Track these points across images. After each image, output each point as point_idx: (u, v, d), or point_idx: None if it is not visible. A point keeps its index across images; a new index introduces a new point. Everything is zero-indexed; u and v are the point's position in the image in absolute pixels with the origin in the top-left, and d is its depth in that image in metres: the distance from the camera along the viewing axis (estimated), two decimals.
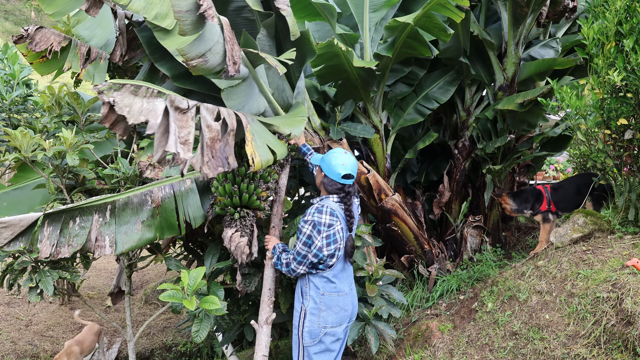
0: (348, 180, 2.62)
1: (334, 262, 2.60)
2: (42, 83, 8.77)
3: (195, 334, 2.68)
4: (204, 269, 2.61)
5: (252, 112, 3.15)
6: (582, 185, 3.82)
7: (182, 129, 2.20)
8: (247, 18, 3.36)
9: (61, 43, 3.09)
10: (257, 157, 2.39)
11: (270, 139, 2.68)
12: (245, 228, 2.88)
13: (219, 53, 2.54)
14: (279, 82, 3.50)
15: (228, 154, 2.33)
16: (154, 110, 2.12)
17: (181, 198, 3.06)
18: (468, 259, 4.54)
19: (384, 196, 4.06)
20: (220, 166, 2.28)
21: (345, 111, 3.91)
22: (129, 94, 2.11)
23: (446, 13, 3.42)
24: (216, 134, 2.30)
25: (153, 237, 2.94)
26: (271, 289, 2.82)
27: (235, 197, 2.83)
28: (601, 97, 3.13)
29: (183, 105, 2.24)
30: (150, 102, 2.15)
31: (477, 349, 3.04)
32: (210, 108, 2.37)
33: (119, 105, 2.04)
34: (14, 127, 4.87)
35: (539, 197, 3.90)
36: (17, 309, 5.86)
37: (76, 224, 2.77)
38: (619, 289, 2.61)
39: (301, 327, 2.62)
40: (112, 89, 2.06)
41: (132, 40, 3.31)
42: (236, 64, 2.51)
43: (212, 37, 2.50)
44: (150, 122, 2.09)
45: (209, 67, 2.56)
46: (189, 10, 2.28)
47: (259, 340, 2.67)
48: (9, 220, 2.63)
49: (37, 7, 21.22)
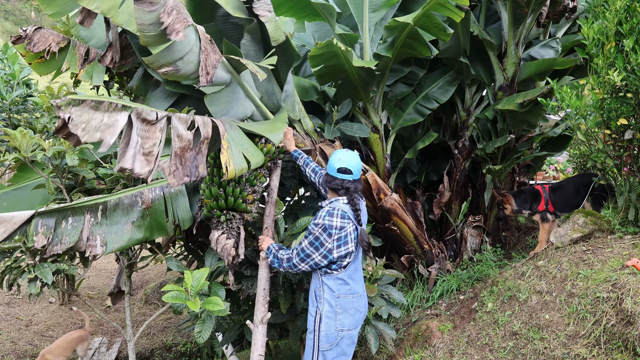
0: (345, 175, 2.58)
1: (347, 263, 2.59)
2: (42, 83, 8.77)
3: (198, 335, 2.69)
4: (207, 269, 2.62)
5: (237, 116, 3.19)
6: (581, 186, 3.81)
7: (147, 140, 2.25)
8: (235, 23, 3.41)
9: (60, 43, 3.08)
10: (231, 165, 2.44)
11: (247, 147, 2.71)
12: (232, 230, 2.91)
13: (193, 62, 2.61)
14: (267, 86, 3.54)
15: (199, 163, 2.39)
16: (113, 126, 2.17)
17: (171, 200, 3.12)
18: (468, 259, 4.53)
19: (383, 196, 4.06)
20: (187, 175, 2.34)
21: (342, 110, 3.91)
22: (89, 109, 2.14)
23: (446, 13, 3.42)
24: (187, 143, 2.34)
25: (143, 237, 3.00)
26: (265, 289, 2.84)
27: (221, 200, 2.86)
28: (601, 97, 3.13)
29: (151, 117, 2.28)
30: (112, 116, 2.19)
31: (477, 349, 3.04)
32: (184, 118, 2.42)
33: (74, 122, 2.07)
34: (14, 127, 4.87)
35: (537, 197, 3.91)
36: (17, 309, 5.87)
37: (68, 224, 2.83)
38: (619, 289, 2.60)
39: (317, 331, 2.60)
40: (70, 104, 2.09)
41: (125, 47, 3.34)
42: (209, 74, 2.58)
43: (184, 47, 2.55)
44: (104, 140, 2.14)
45: (182, 75, 2.64)
46: (152, 24, 2.34)
47: (255, 339, 2.69)
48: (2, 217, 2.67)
49: (37, 7, 21.22)
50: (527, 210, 3.97)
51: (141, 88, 3.41)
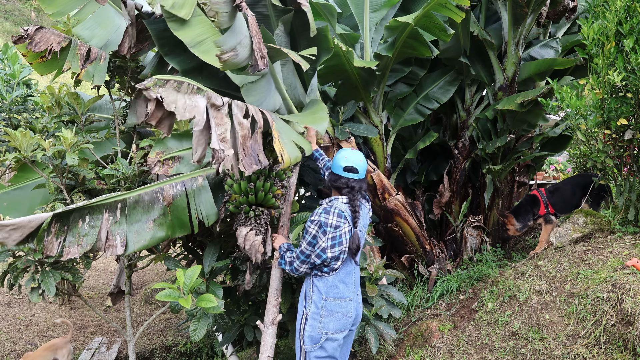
0: (351, 174, 2.57)
1: (338, 266, 2.55)
2: (42, 83, 8.77)
3: (193, 333, 2.67)
4: (199, 267, 2.59)
5: (269, 108, 3.08)
6: (579, 186, 3.81)
7: (219, 126, 2.16)
8: (261, 13, 3.28)
9: (61, 43, 3.07)
10: (286, 153, 2.34)
11: (294, 136, 2.62)
12: (260, 227, 2.82)
13: (247, 47, 2.46)
14: (292, 79, 3.42)
15: (258, 152, 2.29)
16: (197, 107, 2.08)
17: (193, 195, 2.97)
18: (468, 259, 4.53)
19: (388, 196, 4.05)
20: (255, 164, 2.23)
21: (347, 111, 3.91)
22: (173, 90, 2.06)
23: (446, 13, 3.42)
24: (247, 132, 2.25)
25: (165, 235, 2.84)
26: (278, 290, 2.79)
27: (251, 195, 2.76)
28: (601, 97, 3.13)
29: (218, 102, 2.20)
30: (192, 98, 2.11)
31: (477, 349, 3.04)
32: (240, 105, 2.32)
33: (167, 102, 1.98)
34: (14, 127, 4.87)
35: (536, 202, 3.88)
36: (17, 309, 5.87)
37: (86, 223, 2.68)
38: (619, 289, 2.60)
39: (302, 331, 2.59)
40: (157, 85, 2.00)
41: (140, 32, 3.23)
42: (264, 57, 2.44)
43: (242, 30, 2.42)
44: (196, 118, 2.04)
45: (238, 62, 2.47)
46: (225, 2, 2.24)
47: (265, 341, 2.65)
48: (19, 222, 2.50)
49: (37, 7, 21.22)
50: (530, 221, 3.93)
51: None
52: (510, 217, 3.94)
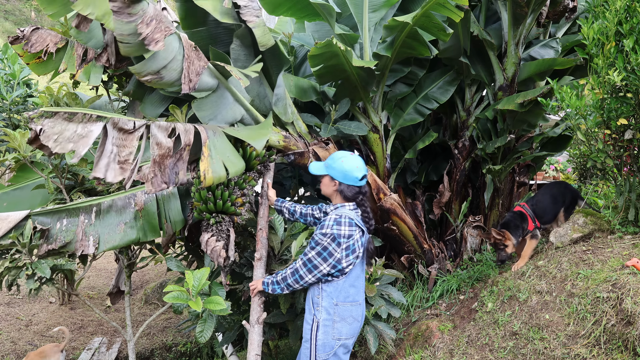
0: (364, 181, 2.58)
1: (349, 269, 2.54)
2: (42, 83, 8.76)
3: (200, 335, 2.69)
4: (208, 269, 2.62)
5: (227, 120, 3.22)
6: (560, 194, 3.72)
7: (124, 148, 2.32)
8: (227, 27, 3.41)
9: (57, 44, 3.08)
10: (210, 173, 2.48)
11: (229, 154, 2.72)
12: (222, 233, 2.95)
13: (177, 70, 2.65)
14: (259, 89, 3.57)
15: (180, 169, 2.46)
16: (87, 137, 2.23)
17: (163, 202, 3.15)
18: (468, 259, 4.53)
19: (383, 196, 4.05)
20: (166, 182, 2.40)
21: (340, 109, 3.91)
22: (62, 120, 2.20)
23: (445, 13, 3.42)
24: (166, 151, 2.40)
25: (135, 238, 3.04)
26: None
27: (210, 203, 2.90)
28: (601, 97, 3.12)
29: (128, 126, 2.36)
30: (86, 127, 2.25)
31: (477, 349, 3.03)
32: (164, 126, 2.48)
33: (46, 134, 2.14)
34: (14, 127, 4.87)
35: (524, 218, 3.62)
36: (17, 309, 5.87)
37: (63, 225, 2.90)
38: (619, 289, 2.60)
39: (314, 339, 2.53)
40: (43, 116, 2.16)
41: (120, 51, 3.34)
42: (192, 81, 2.62)
43: (168, 55, 2.58)
44: (77, 151, 2.20)
45: (166, 83, 2.68)
46: (131, 34, 2.38)
47: (252, 339, 2.69)
48: None
49: (37, 7, 21.21)
50: (520, 237, 3.59)
51: (137, 92, 3.42)
52: (506, 233, 3.54)
